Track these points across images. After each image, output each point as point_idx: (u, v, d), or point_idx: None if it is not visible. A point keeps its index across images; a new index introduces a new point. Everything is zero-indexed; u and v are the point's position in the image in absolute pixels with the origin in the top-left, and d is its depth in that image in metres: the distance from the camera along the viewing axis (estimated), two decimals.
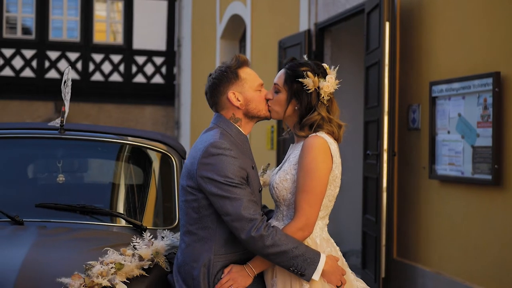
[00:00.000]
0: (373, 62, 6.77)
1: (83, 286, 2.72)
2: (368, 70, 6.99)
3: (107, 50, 15.91)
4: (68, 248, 3.11)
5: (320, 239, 2.99)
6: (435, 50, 6.18)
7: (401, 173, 6.70)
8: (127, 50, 15.96)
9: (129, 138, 4.03)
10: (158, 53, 16.07)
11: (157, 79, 16.11)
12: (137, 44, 15.99)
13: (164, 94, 16.00)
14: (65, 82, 3.91)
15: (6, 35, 15.38)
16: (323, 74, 3.09)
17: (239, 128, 3.06)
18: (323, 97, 3.05)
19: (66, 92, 3.92)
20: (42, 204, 3.53)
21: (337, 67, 3.18)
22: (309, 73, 3.02)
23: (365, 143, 7.07)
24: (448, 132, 5.91)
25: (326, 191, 2.96)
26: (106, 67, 15.88)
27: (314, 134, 2.98)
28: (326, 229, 3.07)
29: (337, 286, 2.90)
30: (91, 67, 15.78)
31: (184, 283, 2.94)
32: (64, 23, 15.79)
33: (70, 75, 3.91)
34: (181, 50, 15.31)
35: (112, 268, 2.84)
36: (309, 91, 3.02)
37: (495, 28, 5.44)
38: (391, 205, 6.51)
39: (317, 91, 3.04)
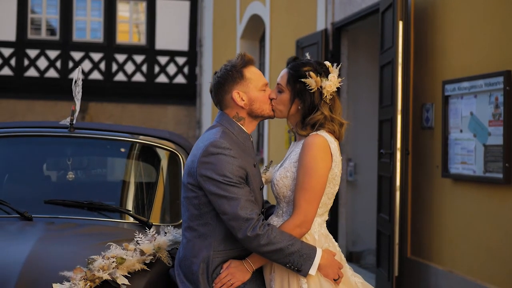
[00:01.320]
0: (387, 61, 6.79)
1: (84, 279, 2.80)
2: (382, 69, 7.02)
3: (130, 50, 16.06)
4: (73, 243, 3.20)
5: (319, 235, 3.04)
6: (448, 49, 6.18)
7: (415, 172, 6.70)
8: (149, 50, 16.10)
9: (138, 136, 4.12)
10: (180, 53, 16.18)
11: (180, 79, 16.23)
12: (159, 45, 16.12)
13: (187, 94, 16.12)
14: (75, 81, 4.00)
15: (31, 36, 15.61)
16: (325, 73, 3.13)
17: (242, 126, 3.11)
18: (326, 96, 3.09)
19: (77, 91, 4.01)
20: (51, 201, 3.63)
21: (340, 65, 3.22)
22: (312, 73, 3.07)
23: (379, 142, 7.10)
24: (461, 131, 5.91)
25: (325, 189, 3.01)
26: (129, 67, 16.03)
27: (314, 132, 3.03)
28: (324, 225, 3.12)
29: (334, 279, 2.95)
30: (114, 67, 15.95)
31: (184, 277, 3.01)
32: (87, 24, 15.98)
33: (80, 75, 3.99)
34: (202, 50, 15.41)
35: (113, 262, 2.91)
36: (312, 91, 3.07)
37: (507, 27, 5.43)
38: (405, 204, 6.52)
39: (320, 90, 3.08)
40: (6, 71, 15.48)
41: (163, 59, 16.14)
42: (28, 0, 15.51)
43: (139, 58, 16.07)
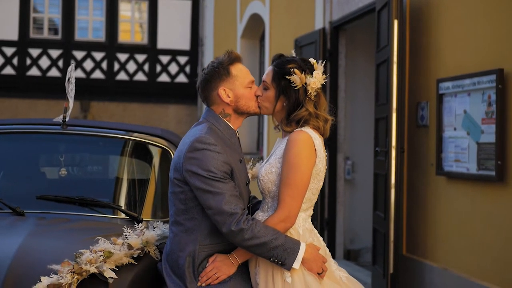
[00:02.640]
0: (382, 59, 6.83)
1: (72, 272, 2.85)
2: (378, 68, 7.06)
3: (132, 49, 16.12)
4: (62, 237, 3.25)
5: (303, 230, 3.09)
6: (443, 47, 6.22)
7: (410, 170, 6.74)
8: (151, 49, 16.16)
9: (130, 133, 4.17)
10: (182, 53, 16.24)
11: (181, 78, 16.28)
12: (161, 44, 16.17)
13: (188, 93, 16.16)
14: (68, 79, 4.05)
15: (33, 35, 15.68)
16: (310, 70, 3.17)
17: (228, 123, 3.16)
18: (311, 93, 3.13)
19: (70, 89, 4.06)
20: (43, 196, 3.68)
21: (324, 61, 3.26)
22: (296, 70, 3.11)
23: (375, 140, 7.14)
24: (455, 129, 5.95)
25: (309, 185, 3.05)
26: (131, 67, 16.09)
27: (298, 129, 3.07)
28: (309, 220, 3.16)
29: (318, 273, 3.00)
30: (116, 66, 16.01)
31: (171, 271, 3.06)
32: (89, 23, 16.05)
33: (73, 72, 4.04)
34: (203, 50, 15.47)
35: (101, 256, 2.96)
36: (297, 88, 3.11)
37: (500, 26, 5.47)
38: (400, 201, 6.56)
39: (305, 87, 3.12)
40: (9, 70, 15.55)
41: (164, 58, 16.20)
42: None
43: (141, 57, 16.12)
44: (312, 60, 3.20)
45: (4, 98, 15.50)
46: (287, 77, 3.10)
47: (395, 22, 6.47)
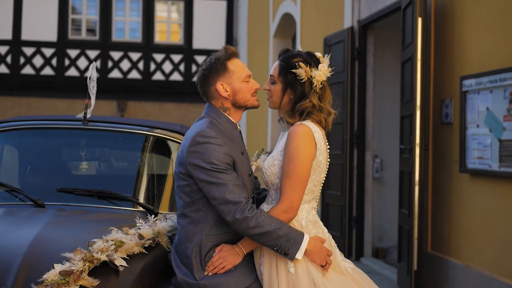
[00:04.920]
0: (407, 57, 6.86)
1: (83, 260, 2.97)
2: (403, 66, 7.08)
3: (168, 50, 16.35)
4: (78, 227, 3.38)
5: (306, 221, 3.16)
6: (466, 44, 6.22)
7: (435, 167, 6.75)
8: (187, 50, 16.36)
9: (149, 129, 4.29)
10: None
11: None
12: (197, 44, 16.38)
13: None
14: (90, 77, 4.18)
15: (71, 36, 16.01)
16: (315, 63, 3.25)
17: (228, 116, 3.27)
18: (316, 85, 3.22)
19: (92, 86, 4.19)
20: (63, 189, 3.82)
21: (329, 55, 3.33)
22: (301, 64, 3.20)
23: (401, 137, 7.16)
24: (477, 126, 5.95)
25: (310, 176, 3.13)
26: (167, 67, 16.33)
27: (299, 122, 3.16)
28: (313, 212, 3.23)
29: (321, 265, 3.07)
30: (152, 66, 16.25)
31: (180, 262, 3.17)
32: (126, 24, 16.33)
33: (95, 71, 4.17)
34: (238, 50, 15.57)
35: (112, 245, 3.08)
36: (302, 81, 3.20)
37: None
38: (424, 199, 6.58)
39: (310, 80, 3.21)
40: (48, 70, 15.92)
41: (200, 59, 16.39)
42: (69, 1, 15.92)
43: (176, 58, 16.35)
44: (318, 54, 3.28)
45: (43, 98, 15.86)
46: (293, 70, 3.18)
47: (419, 20, 6.49)
